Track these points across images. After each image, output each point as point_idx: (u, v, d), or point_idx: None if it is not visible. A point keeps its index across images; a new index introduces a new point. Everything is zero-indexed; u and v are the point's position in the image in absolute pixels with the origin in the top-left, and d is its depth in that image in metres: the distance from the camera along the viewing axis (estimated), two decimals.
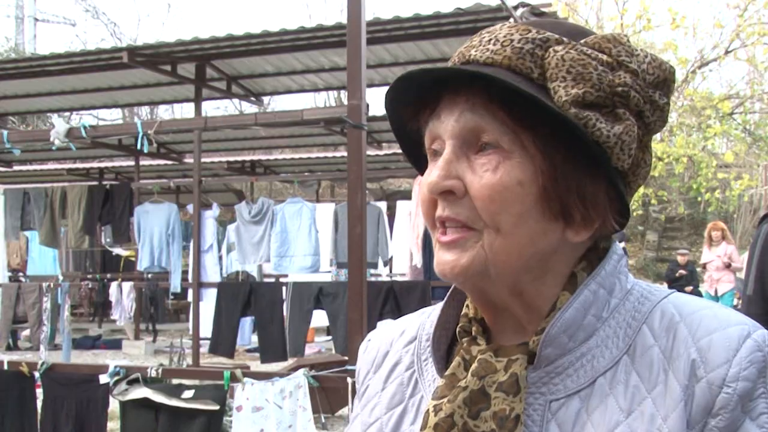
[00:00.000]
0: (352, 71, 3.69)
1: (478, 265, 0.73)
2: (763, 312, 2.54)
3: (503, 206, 0.72)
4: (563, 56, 0.72)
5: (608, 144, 0.72)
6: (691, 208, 19.23)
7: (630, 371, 0.72)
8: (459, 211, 0.73)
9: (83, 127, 5.68)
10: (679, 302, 0.75)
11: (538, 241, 0.73)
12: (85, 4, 28.31)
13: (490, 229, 0.72)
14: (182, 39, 7.46)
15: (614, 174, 0.73)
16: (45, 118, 19.50)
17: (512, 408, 0.71)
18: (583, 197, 0.73)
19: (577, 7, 15.66)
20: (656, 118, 0.76)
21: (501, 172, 0.72)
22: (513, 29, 0.74)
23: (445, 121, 0.75)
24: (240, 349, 9.78)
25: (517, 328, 0.78)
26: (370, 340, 0.94)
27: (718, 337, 0.70)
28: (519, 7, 5.89)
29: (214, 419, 3.58)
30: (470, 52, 0.76)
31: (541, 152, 0.72)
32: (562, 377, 0.73)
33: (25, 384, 4.02)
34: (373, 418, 0.85)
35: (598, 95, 0.72)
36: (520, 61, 0.72)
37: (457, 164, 0.74)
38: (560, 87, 0.71)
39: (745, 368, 0.68)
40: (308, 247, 7.94)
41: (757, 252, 2.57)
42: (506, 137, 0.72)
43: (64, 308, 8.38)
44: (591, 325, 0.74)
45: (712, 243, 10.72)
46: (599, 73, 0.72)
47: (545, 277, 0.76)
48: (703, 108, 15.39)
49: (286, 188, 19.93)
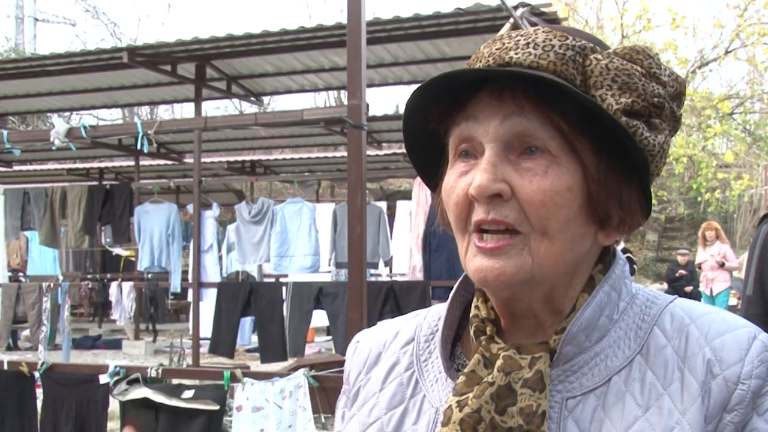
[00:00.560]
0: (352, 71, 3.69)
1: (524, 272, 0.73)
2: (762, 312, 2.53)
3: (554, 210, 0.72)
4: (607, 65, 0.73)
5: (652, 152, 0.75)
6: (691, 208, 19.23)
7: (645, 370, 0.74)
8: (507, 213, 0.73)
9: (83, 127, 5.68)
10: (685, 306, 0.79)
11: (578, 245, 0.76)
12: (85, 4, 28.34)
13: (536, 233, 0.73)
14: (182, 39, 7.46)
15: (648, 180, 0.76)
16: (45, 118, 19.50)
17: (539, 404, 0.72)
18: (621, 202, 0.76)
19: (577, 7, 15.66)
20: (672, 128, 0.79)
21: (552, 177, 0.72)
22: (550, 34, 0.75)
23: (485, 123, 0.74)
24: (240, 349, 9.78)
25: (533, 330, 0.80)
26: (359, 342, 0.94)
27: (729, 338, 0.73)
28: (519, 7, 5.89)
29: (214, 419, 3.58)
30: (509, 54, 0.74)
31: (591, 158, 0.74)
32: (578, 375, 0.75)
33: (25, 384, 4.01)
34: (373, 418, 0.85)
35: (643, 105, 0.74)
36: (564, 67, 0.73)
37: (502, 167, 0.73)
38: (608, 95, 0.73)
39: (757, 366, 0.71)
40: (308, 247, 7.94)
41: (756, 252, 2.57)
42: (554, 142, 0.73)
43: (64, 308, 8.38)
44: (604, 325, 0.77)
45: (706, 243, 10.74)
46: (643, 83, 0.74)
47: (573, 279, 0.78)
48: (703, 108, 15.40)
49: (286, 188, 19.93)
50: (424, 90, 0.77)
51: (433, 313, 0.90)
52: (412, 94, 0.78)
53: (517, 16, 5.67)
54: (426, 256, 7.53)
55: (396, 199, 10.52)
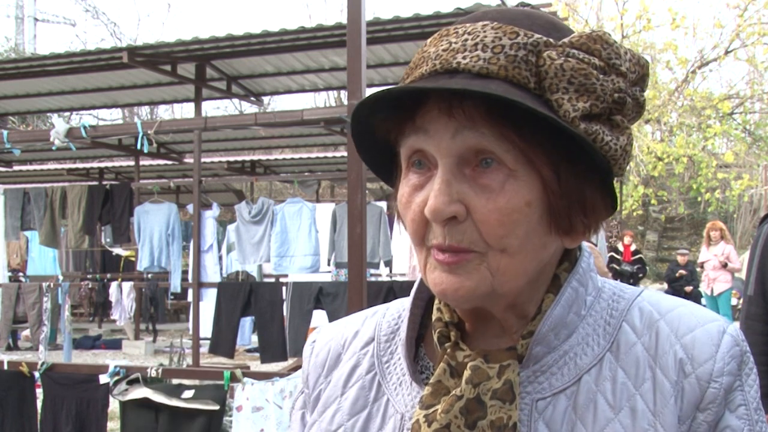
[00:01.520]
0: (352, 71, 3.69)
1: (484, 287, 0.70)
2: (763, 312, 2.53)
3: (511, 229, 0.69)
4: (562, 65, 0.68)
5: (615, 156, 0.71)
6: (691, 208, 19.23)
7: (616, 368, 0.73)
8: (461, 238, 0.69)
9: (83, 127, 5.69)
10: (653, 300, 0.77)
11: (540, 255, 0.72)
12: (85, 4, 28.35)
13: (495, 251, 0.70)
14: (182, 39, 7.46)
15: (611, 181, 0.73)
16: (45, 118, 19.51)
17: (509, 416, 0.70)
18: (585, 208, 0.72)
19: (577, 7, 15.66)
20: (635, 114, 0.74)
21: (509, 193, 0.68)
22: (499, 31, 0.69)
23: (437, 138, 0.69)
24: (240, 349, 9.78)
25: (498, 332, 0.77)
26: (316, 342, 0.90)
27: (699, 333, 0.72)
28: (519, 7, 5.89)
29: (214, 419, 3.58)
30: (456, 58, 0.68)
31: (549, 169, 0.69)
32: (547, 375, 0.73)
33: (25, 384, 4.01)
34: (336, 425, 0.82)
35: (603, 107, 0.69)
36: (516, 71, 0.67)
37: (457, 185, 0.69)
38: (564, 100, 0.68)
39: (728, 363, 0.71)
40: (308, 247, 7.93)
41: (757, 252, 2.57)
42: (509, 155, 0.68)
43: (64, 308, 8.38)
44: (573, 322, 0.75)
45: (710, 242, 10.75)
46: (602, 83, 0.69)
47: (537, 283, 0.75)
48: (703, 108, 15.40)
49: (286, 188, 19.93)
50: (368, 104, 0.72)
51: (392, 311, 0.87)
52: (356, 109, 0.73)
53: None
54: None
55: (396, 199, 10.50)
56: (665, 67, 16.03)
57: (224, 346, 6.99)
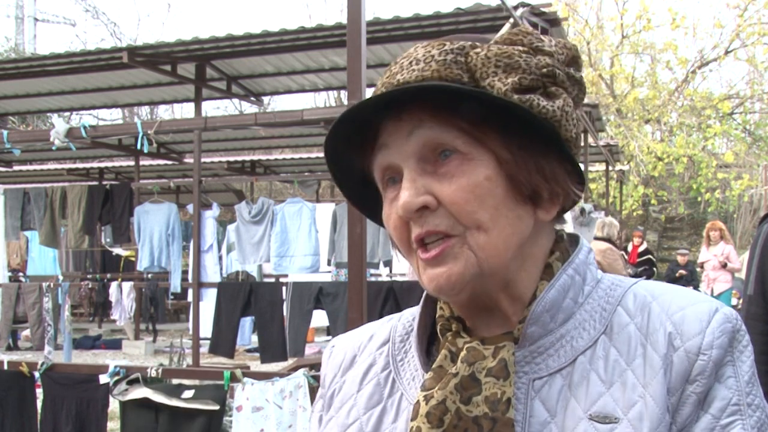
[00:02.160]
0: (352, 71, 3.69)
1: (471, 267, 0.75)
2: (763, 312, 2.53)
3: (479, 204, 0.74)
4: (486, 54, 0.75)
5: (555, 118, 0.76)
6: (691, 208, 19.23)
7: (609, 348, 0.76)
8: (437, 222, 0.75)
9: (83, 127, 5.69)
10: (649, 286, 0.81)
11: (517, 227, 0.77)
12: (85, 4, 28.35)
13: (472, 230, 0.75)
14: (182, 39, 7.46)
15: (564, 146, 0.77)
16: (45, 118, 19.51)
17: (503, 391, 0.74)
18: (545, 174, 0.77)
19: (577, 7, 15.67)
20: (577, 92, 0.80)
21: (467, 174, 0.74)
22: (428, 47, 0.77)
23: (394, 146, 0.77)
24: (240, 349, 9.78)
25: (499, 323, 0.81)
26: (335, 346, 0.96)
27: (690, 311, 0.75)
28: (519, 7, 5.89)
29: (214, 419, 3.58)
30: (396, 78, 0.77)
31: (499, 144, 0.75)
32: (544, 357, 0.77)
33: (25, 384, 4.01)
34: (351, 419, 0.86)
35: (532, 79, 0.75)
36: (448, 71, 0.75)
37: (421, 180, 0.75)
38: (495, 81, 0.75)
39: (718, 337, 0.73)
40: (308, 247, 7.93)
41: (757, 252, 2.56)
42: (460, 141, 0.75)
43: (64, 308, 8.38)
44: (569, 308, 0.78)
45: (710, 242, 10.76)
46: (525, 59, 0.76)
47: (526, 263, 0.79)
48: (703, 108, 15.41)
49: (286, 188, 19.93)
50: (334, 137, 0.80)
51: (407, 315, 0.92)
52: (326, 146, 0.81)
53: (517, 16, 5.67)
54: None
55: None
56: (665, 67, 16.03)
57: (224, 346, 6.99)
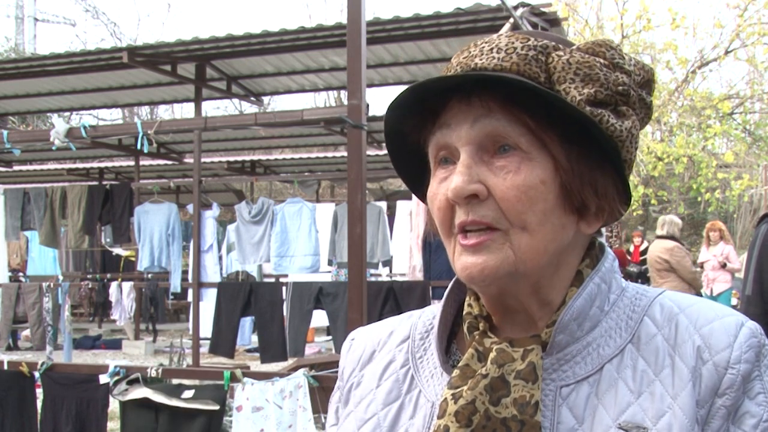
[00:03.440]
0: (352, 71, 3.69)
1: (507, 265, 0.75)
2: (762, 312, 2.54)
3: (529, 205, 0.75)
4: (568, 60, 0.76)
5: (621, 138, 0.77)
6: (691, 208, 19.23)
7: (636, 357, 0.76)
8: (484, 214, 0.75)
9: (83, 127, 5.69)
10: (674, 297, 0.82)
11: (559, 236, 0.77)
12: (85, 4, 28.35)
13: (516, 229, 0.75)
14: (182, 39, 7.46)
15: (622, 166, 0.78)
16: (45, 118, 19.51)
17: (531, 395, 0.74)
18: (596, 190, 0.78)
19: (577, 7, 15.66)
20: (644, 115, 0.81)
21: (524, 173, 0.75)
22: (512, 38, 0.78)
23: (457, 129, 0.77)
24: (240, 349, 9.78)
25: (525, 326, 0.82)
26: (354, 340, 0.96)
27: (717, 325, 0.76)
28: (519, 7, 5.90)
29: (214, 419, 3.58)
30: (474, 61, 0.78)
31: (560, 150, 0.76)
32: (571, 364, 0.77)
33: (25, 384, 4.02)
34: (370, 414, 0.87)
35: (607, 94, 0.76)
36: (527, 66, 0.76)
37: (476, 168, 0.76)
38: (572, 88, 0.75)
39: (746, 351, 0.74)
40: (308, 247, 7.93)
41: (756, 252, 2.57)
42: (524, 138, 0.75)
43: (64, 308, 8.38)
44: (596, 316, 0.79)
45: (710, 243, 10.75)
46: (605, 73, 0.76)
47: (560, 270, 0.80)
48: (703, 108, 15.40)
49: (286, 188, 19.92)
50: (399, 105, 0.80)
51: (428, 313, 0.92)
52: (388, 111, 0.81)
53: (517, 16, 5.67)
54: (426, 256, 7.53)
55: (396, 199, 10.50)
56: (665, 67, 16.02)
57: (224, 346, 6.99)
